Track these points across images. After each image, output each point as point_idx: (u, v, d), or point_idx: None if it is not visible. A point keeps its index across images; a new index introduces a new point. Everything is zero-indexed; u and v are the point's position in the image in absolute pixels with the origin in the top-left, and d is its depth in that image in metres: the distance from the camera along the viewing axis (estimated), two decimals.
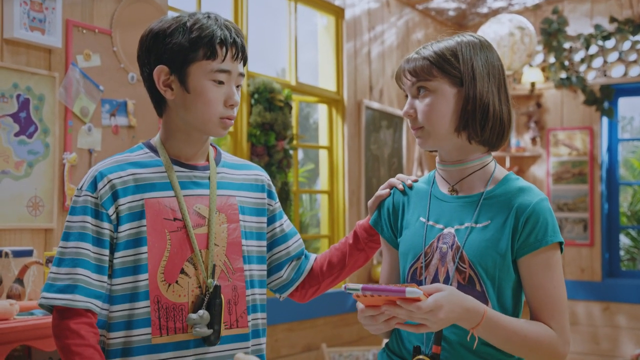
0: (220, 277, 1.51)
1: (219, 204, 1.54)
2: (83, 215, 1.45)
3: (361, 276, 4.81)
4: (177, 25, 1.48)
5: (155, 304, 1.45)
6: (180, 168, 1.53)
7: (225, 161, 1.62)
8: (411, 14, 5.55)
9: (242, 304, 1.54)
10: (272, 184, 1.69)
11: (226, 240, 1.53)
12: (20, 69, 2.79)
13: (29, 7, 2.81)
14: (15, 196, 2.76)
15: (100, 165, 1.51)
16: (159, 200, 1.48)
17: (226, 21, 1.52)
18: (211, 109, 1.48)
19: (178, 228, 1.48)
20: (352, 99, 4.81)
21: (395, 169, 5.26)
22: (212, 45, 1.47)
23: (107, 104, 3.14)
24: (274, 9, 4.54)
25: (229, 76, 1.49)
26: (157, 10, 3.39)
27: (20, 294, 2.51)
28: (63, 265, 1.43)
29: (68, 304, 1.41)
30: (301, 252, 1.73)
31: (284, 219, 1.71)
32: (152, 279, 1.45)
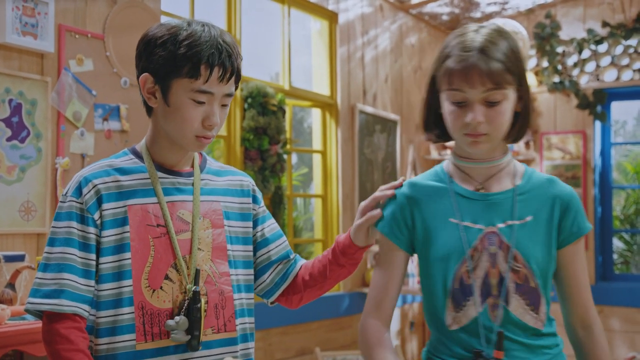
0: (207, 282, 1.52)
1: (203, 210, 1.55)
2: (69, 221, 1.46)
3: (355, 280, 4.82)
4: (169, 37, 1.46)
5: (140, 310, 1.45)
6: (164, 174, 1.53)
7: (210, 167, 1.63)
8: (405, 18, 5.56)
9: (230, 308, 1.54)
10: (257, 189, 1.69)
11: (211, 245, 1.54)
12: (12, 74, 2.79)
13: (21, 12, 2.81)
14: (8, 201, 2.75)
15: (85, 171, 1.51)
16: (142, 207, 1.49)
17: (222, 38, 1.47)
18: (187, 126, 1.47)
19: (161, 234, 1.49)
20: (346, 103, 4.82)
21: (389, 172, 5.27)
22: (196, 66, 1.44)
23: (100, 109, 3.14)
24: (268, 13, 4.54)
25: (211, 97, 1.47)
26: (150, 15, 3.40)
27: (12, 298, 2.51)
28: (49, 271, 1.43)
29: (54, 308, 1.41)
30: (285, 255, 1.70)
31: (267, 224, 1.69)
32: (136, 285, 1.45)
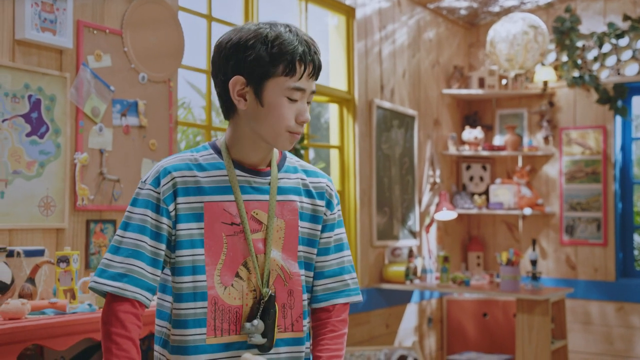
0: (276, 282, 1.53)
1: (278, 210, 1.56)
2: (144, 209, 1.48)
3: (373, 276, 4.80)
4: (259, 37, 1.48)
5: (213, 305, 1.48)
6: (241, 172, 1.54)
7: (288, 166, 1.62)
8: (422, 13, 5.53)
9: (299, 308, 1.56)
10: (334, 194, 1.65)
11: (282, 245, 1.55)
12: (31, 70, 2.80)
13: (40, 8, 2.82)
14: (27, 196, 2.77)
15: (165, 162, 1.53)
16: (219, 204, 1.51)
17: (305, 36, 1.52)
18: (282, 123, 1.50)
19: (235, 232, 1.51)
20: (363, 98, 4.80)
21: (406, 168, 5.25)
22: (292, 62, 1.48)
23: (118, 104, 3.15)
24: (285, 8, 4.53)
25: (303, 94, 1.51)
26: (167, 11, 3.40)
27: (32, 293, 2.52)
28: (119, 254, 1.46)
29: (118, 291, 1.44)
30: (338, 272, 1.64)
31: (334, 232, 1.65)
32: (209, 281, 1.49)
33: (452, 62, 5.92)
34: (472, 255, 5.93)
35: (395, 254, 4.97)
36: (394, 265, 4.86)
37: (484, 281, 5.01)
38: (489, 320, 5.35)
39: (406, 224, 5.21)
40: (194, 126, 4.66)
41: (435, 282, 4.97)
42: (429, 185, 5.50)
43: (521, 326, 4.34)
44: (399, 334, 5.07)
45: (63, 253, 2.55)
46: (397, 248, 5.00)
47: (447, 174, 5.81)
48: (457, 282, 4.79)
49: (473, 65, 6.14)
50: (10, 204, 2.71)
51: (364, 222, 4.75)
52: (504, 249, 5.67)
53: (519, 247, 5.79)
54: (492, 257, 5.87)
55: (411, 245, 5.15)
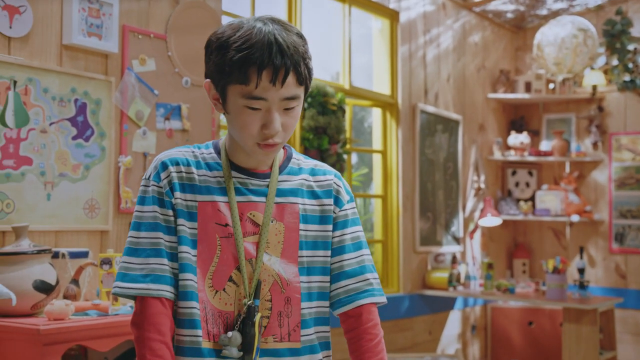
0: (273, 288, 1.45)
1: (277, 212, 1.47)
2: (153, 205, 1.44)
3: (415, 282, 4.75)
4: (224, 40, 1.38)
5: (204, 309, 1.42)
6: (238, 174, 1.48)
7: (292, 167, 1.53)
8: (468, 16, 5.46)
9: (296, 317, 1.46)
10: (342, 190, 1.55)
11: (281, 250, 1.46)
12: (78, 74, 2.84)
13: (87, 13, 2.86)
14: (73, 198, 2.81)
15: (163, 155, 1.48)
16: (213, 205, 1.44)
17: (276, 36, 1.36)
18: (245, 134, 1.40)
19: (229, 234, 1.44)
20: (407, 102, 4.76)
21: (450, 173, 5.18)
22: (243, 70, 1.35)
23: (162, 108, 3.18)
24: (328, 12, 4.52)
25: (266, 102, 1.37)
26: (211, 15, 3.42)
27: (76, 294, 2.56)
28: (136, 255, 1.42)
29: (143, 292, 1.40)
30: (359, 272, 1.54)
31: (348, 230, 1.55)
32: (200, 283, 1.42)
33: (498, 66, 5.83)
34: (518, 263, 5.83)
35: (439, 260, 4.90)
36: (437, 272, 4.80)
37: (529, 289, 4.91)
38: (534, 328, 5.24)
39: (450, 229, 5.14)
40: None
41: (479, 289, 4.89)
42: (473, 191, 5.42)
43: (568, 336, 4.23)
44: (442, 341, 5.00)
45: (106, 255, 2.58)
46: (441, 254, 4.93)
47: (492, 179, 5.72)
48: (501, 290, 4.70)
49: (519, 69, 6.04)
50: (56, 206, 2.75)
51: (407, 228, 4.70)
52: (550, 257, 5.55)
53: (566, 254, 5.66)
54: (538, 265, 5.76)
55: (455, 252, 5.08)
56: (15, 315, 2.35)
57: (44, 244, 2.68)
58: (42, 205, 2.71)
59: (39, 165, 2.71)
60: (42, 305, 2.39)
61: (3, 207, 2.59)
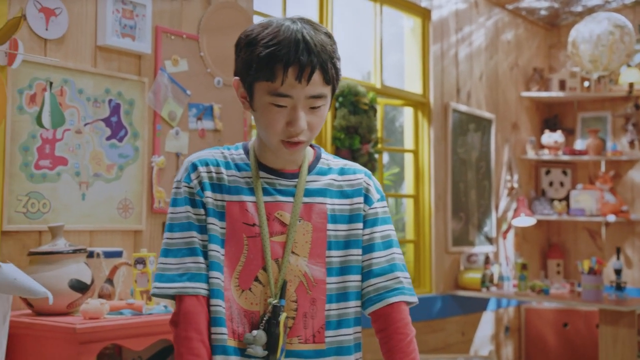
0: (299, 289, 1.45)
1: (304, 212, 1.47)
2: (185, 206, 1.46)
3: (448, 282, 4.71)
4: (253, 38, 1.39)
5: (229, 308, 1.43)
6: (266, 174, 1.48)
7: (321, 167, 1.53)
8: (500, 14, 5.40)
9: (321, 319, 1.45)
10: (372, 189, 1.53)
11: (309, 250, 1.46)
12: (111, 75, 2.87)
13: (121, 15, 2.89)
14: (107, 198, 2.83)
15: (193, 157, 1.50)
16: (241, 205, 1.45)
17: (304, 33, 1.37)
18: (270, 131, 1.41)
19: (256, 234, 1.45)
20: (439, 101, 4.72)
21: (483, 172, 5.13)
22: (270, 67, 1.36)
23: (194, 108, 3.19)
24: (360, 11, 4.51)
25: (291, 100, 1.38)
26: (243, 15, 3.43)
27: (111, 293, 2.58)
28: (171, 255, 1.44)
29: (180, 291, 1.41)
30: (388, 270, 1.51)
31: (377, 229, 1.53)
32: (226, 282, 1.43)
33: (532, 64, 5.75)
34: (552, 263, 5.74)
35: (471, 260, 4.85)
36: (469, 272, 4.75)
37: (564, 290, 4.84)
38: (569, 330, 5.16)
39: (482, 229, 5.09)
40: None
41: (512, 289, 4.83)
42: (506, 191, 5.36)
43: (605, 338, 4.16)
44: (475, 342, 4.95)
45: (140, 255, 2.60)
46: (473, 254, 4.88)
47: (526, 178, 5.65)
48: (535, 291, 4.64)
49: (553, 67, 5.96)
50: (90, 206, 2.78)
51: (439, 228, 4.66)
52: (585, 257, 5.45)
53: (601, 255, 5.56)
54: (573, 265, 5.67)
55: (487, 252, 5.03)
56: (52, 314, 2.38)
57: (79, 243, 2.70)
58: (77, 205, 2.73)
59: (74, 165, 2.73)
60: (77, 304, 2.41)
61: (39, 207, 2.62)
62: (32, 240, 2.60)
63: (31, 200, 2.59)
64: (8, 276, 2.08)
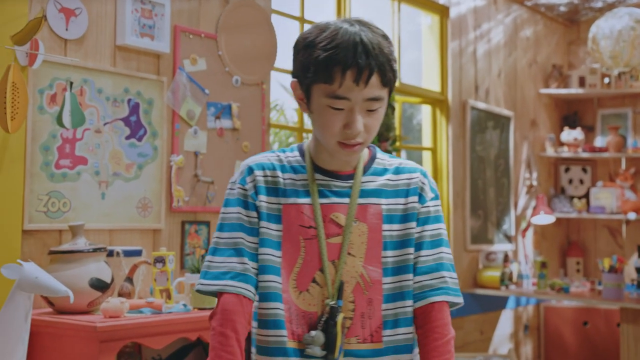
0: (355, 290, 1.46)
1: (359, 213, 1.48)
2: (237, 207, 1.48)
3: (467, 281, 4.69)
4: (311, 40, 1.42)
5: (288, 310, 1.46)
6: (321, 176, 1.50)
7: (376, 167, 1.54)
8: (519, 10, 5.36)
9: (378, 319, 1.47)
10: (426, 188, 1.54)
11: (365, 251, 1.47)
12: (130, 74, 2.88)
13: (140, 14, 2.90)
14: (126, 197, 2.85)
15: (250, 160, 1.53)
16: (297, 207, 1.48)
17: (362, 36, 1.38)
18: (327, 133, 1.43)
19: (312, 236, 1.47)
20: (457, 99, 4.69)
21: (502, 170, 5.09)
22: (328, 69, 1.38)
23: (213, 107, 3.20)
24: (377, 8, 4.49)
25: (349, 102, 1.40)
26: (260, 14, 3.43)
27: (130, 292, 2.59)
28: (218, 254, 1.47)
29: (222, 289, 1.44)
30: (431, 269, 1.50)
31: (428, 227, 1.52)
32: (284, 284, 1.46)
33: (551, 61, 5.70)
34: (572, 261, 5.70)
35: (490, 258, 4.83)
36: (488, 270, 4.73)
37: (584, 288, 4.80)
38: (589, 329, 5.12)
39: (501, 227, 5.06)
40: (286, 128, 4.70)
41: (532, 288, 4.80)
42: (525, 188, 5.32)
43: (626, 337, 4.12)
44: (494, 340, 4.92)
45: (159, 253, 2.61)
46: (492, 252, 4.86)
47: (545, 176, 5.61)
48: (555, 289, 4.60)
49: (573, 63, 5.90)
50: (110, 204, 2.79)
51: (457, 226, 4.64)
52: (605, 255, 5.40)
53: (622, 253, 5.51)
54: (593, 264, 5.62)
55: (506, 250, 5.00)
56: (73, 313, 2.40)
57: (99, 242, 2.72)
58: (97, 204, 2.75)
59: (94, 164, 2.75)
60: (98, 303, 2.43)
61: (60, 206, 2.64)
62: (53, 239, 2.62)
63: (52, 199, 2.61)
64: (29, 275, 2.10)
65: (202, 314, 2.51)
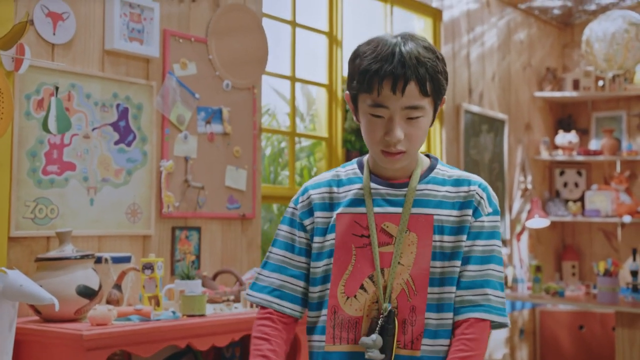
0: (400, 296, 1.49)
1: (411, 223, 1.51)
2: (287, 226, 1.61)
3: None
4: (358, 52, 1.50)
5: (332, 314, 1.51)
6: (376, 185, 1.55)
7: (434, 177, 1.55)
8: (513, 13, 5.35)
9: (420, 327, 1.48)
10: (484, 202, 1.53)
11: (413, 260, 1.50)
12: (119, 79, 2.85)
13: (129, 19, 2.87)
14: (115, 203, 2.82)
15: (309, 181, 1.63)
16: (351, 216, 1.54)
17: (402, 48, 1.44)
18: (370, 140, 1.50)
19: (364, 244, 1.52)
20: (451, 102, 4.68)
21: (496, 174, 5.07)
22: (368, 79, 1.45)
23: (203, 112, 3.17)
24: (370, 12, 4.47)
25: (388, 111, 1.46)
26: (251, 18, 3.40)
27: (119, 299, 2.56)
28: (266, 268, 1.59)
29: (261, 302, 1.57)
30: (474, 285, 1.50)
31: (478, 242, 1.51)
32: (332, 290, 1.52)
33: (545, 64, 5.69)
34: (567, 265, 5.68)
35: None
36: None
37: (579, 292, 4.78)
38: (585, 333, 5.10)
39: None
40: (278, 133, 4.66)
41: (527, 292, 4.77)
42: (519, 192, 5.30)
43: (621, 341, 4.10)
44: (489, 345, 4.90)
45: (148, 260, 2.58)
46: None
47: (539, 180, 5.59)
48: (550, 293, 4.58)
49: (567, 66, 5.89)
50: (99, 211, 2.76)
51: None
52: (601, 259, 5.38)
53: (617, 256, 5.49)
54: (588, 267, 5.60)
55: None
56: (60, 321, 2.36)
57: (87, 249, 2.69)
58: (85, 210, 2.72)
59: (82, 170, 2.72)
60: (85, 311, 2.40)
61: (47, 212, 2.61)
62: (40, 246, 2.59)
63: (39, 206, 2.58)
64: (14, 283, 2.07)
65: (191, 321, 2.48)
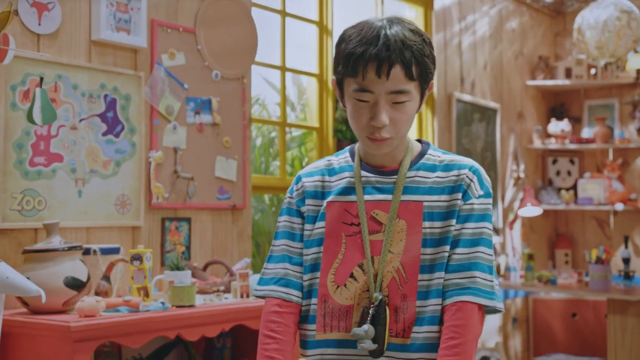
0: (390, 285, 1.47)
1: (401, 210, 1.48)
2: (285, 215, 1.59)
3: None
4: (342, 36, 1.47)
5: (322, 303, 1.50)
6: (367, 173, 1.53)
7: (425, 163, 1.52)
8: (505, 2, 5.33)
9: (411, 315, 1.46)
10: (474, 185, 1.49)
11: (403, 248, 1.47)
12: (107, 70, 2.83)
13: (115, 8, 2.85)
14: (104, 195, 2.81)
15: (302, 170, 1.62)
16: (341, 204, 1.52)
17: (387, 31, 1.40)
18: (356, 126, 1.47)
19: (354, 233, 1.51)
20: (442, 91, 4.66)
21: (488, 163, 5.07)
22: (352, 63, 1.42)
23: (192, 102, 3.16)
24: (360, 1, 4.45)
25: (373, 95, 1.42)
26: (240, 7, 3.38)
27: (107, 291, 2.55)
28: (271, 261, 1.58)
29: (267, 293, 1.54)
30: (462, 268, 1.46)
31: (468, 225, 1.48)
32: (322, 279, 1.51)
33: (537, 53, 5.68)
34: (560, 253, 5.69)
35: None
36: None
37: (572, 280, 4.79)
38: (578, 320, 5.11)
39: None
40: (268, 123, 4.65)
41: (519, 280, 4.78)
42: (512, 181, 5.30)
43: (613, 328, 4.11)
44: (482, 334, 4.90)
45: (136, 251, 2.57)
46: None
47: (532, 168, 5.59)
48: (543, 281, 4.59)
49: (559, 55, 5.88)
50: (87, 202, 2.75)
51: None
52: (593, 247, 5.39)
53: (610, 244, 5.50)
54: (581, 255, 5.61)
55: (494, 243, 4.98)
56: (48, 312, 2.35)
57: (76, 240, 2.68)
58: (73, 201, 2.71)
59: (70, 162, 2.71)
60: (73, 302, 2.39)
61: (35, 204, 2.59)
62: (28, 238, 2.57)
63: (26, 197, 2.57)
64: (0, 275, 2.06)
65: (180, 311, 2.47)
